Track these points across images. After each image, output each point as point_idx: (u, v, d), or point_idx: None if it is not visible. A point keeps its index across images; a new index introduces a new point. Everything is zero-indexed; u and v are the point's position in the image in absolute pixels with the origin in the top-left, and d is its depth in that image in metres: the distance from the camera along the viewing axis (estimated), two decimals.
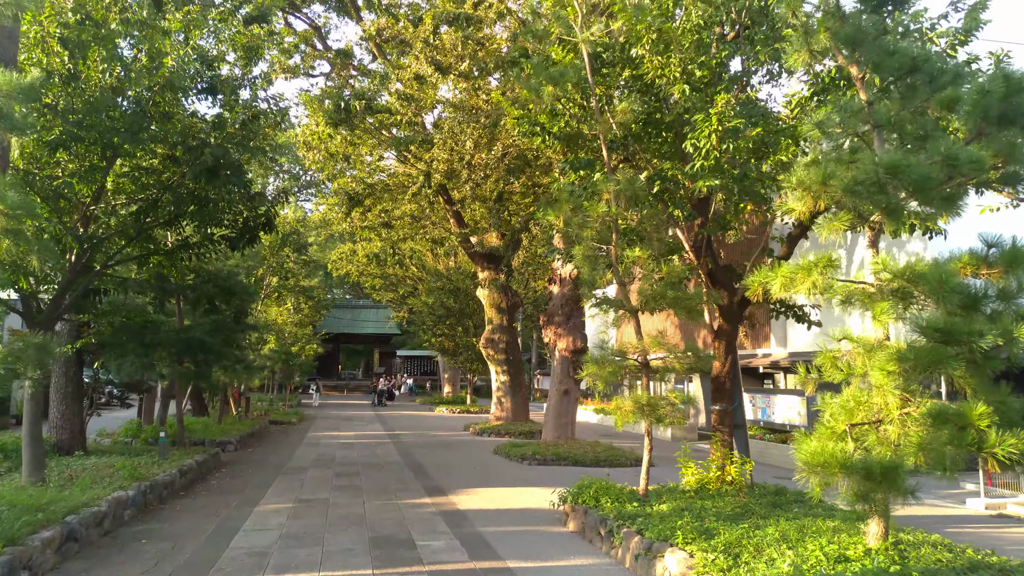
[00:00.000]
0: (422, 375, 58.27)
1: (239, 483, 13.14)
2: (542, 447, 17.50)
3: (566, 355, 18.27)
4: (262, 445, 20.11)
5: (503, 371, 25.17)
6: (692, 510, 8.47)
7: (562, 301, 18.50)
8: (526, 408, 25.52)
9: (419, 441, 21.58)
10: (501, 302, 25.81)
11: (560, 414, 18.30)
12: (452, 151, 17.08)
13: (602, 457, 16.68)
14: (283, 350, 30.28)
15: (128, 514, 9.64)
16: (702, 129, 8.50)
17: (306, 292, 35.14)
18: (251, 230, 11.44)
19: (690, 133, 8.70)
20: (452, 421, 30.18)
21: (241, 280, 15.63)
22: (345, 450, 18.83)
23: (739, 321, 10.96)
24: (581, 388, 20.90)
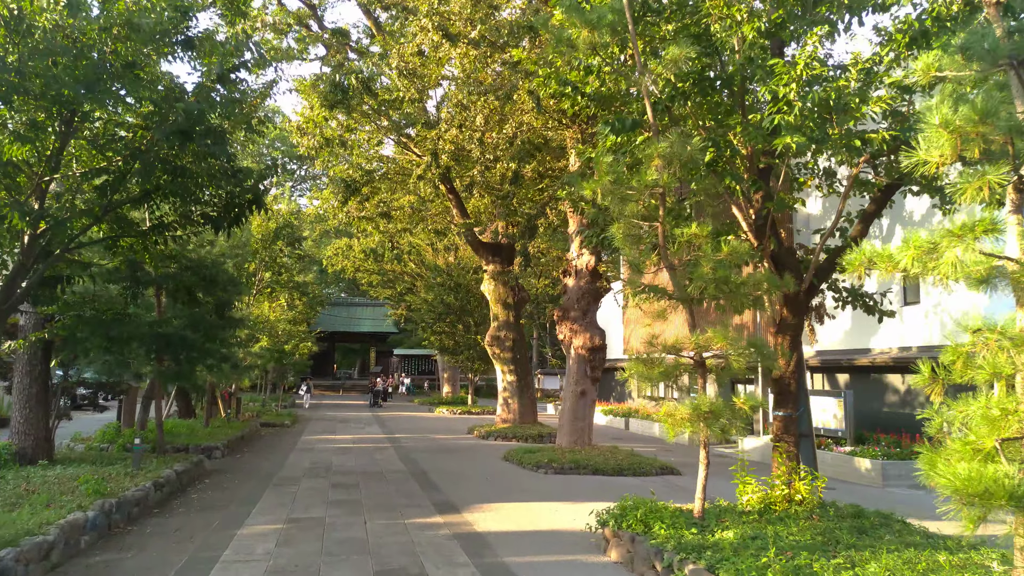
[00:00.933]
0: (420, 374, 56.74)
1: (223, 497, 11.62)
2: (557, 454, 16.02)
3: (582, 353, 16.79)
4: (252, 450, 18.59)
5: (510, 370, 23.68)
6: (765, 538, 6.99)
7: (578, 294, 17.02)
8: (534, 410, 24.04)
9: (421, 445, 20.08)
10: (507, 297, 24.33)
11: (576, 417, 16.82)
12: (461, 127, 15.58)
13: (624, 465, 15.21)
14: (275, 348, 28.74)
15: (86, 541, 8.11)
16: (780, 76, 7.01)
17: (300, 288, 33.60)
18: (236, 208, 9.93)
19: (767, 82, 7.21)
20: (454, 423, 28.67)
21: (227, 270, 14.10)
22: (342, 456, 17.32)
23: (805, 312, 9.48)
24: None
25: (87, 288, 12.49)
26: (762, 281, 7.68)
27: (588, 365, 16.82)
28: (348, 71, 19.81)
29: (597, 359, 16.89)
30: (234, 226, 10.02)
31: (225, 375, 17.40)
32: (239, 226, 10.10)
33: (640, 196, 7.64)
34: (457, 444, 20.71)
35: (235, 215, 9.95)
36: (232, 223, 9.97)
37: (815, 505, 8.38)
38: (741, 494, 8.92)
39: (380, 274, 42.12)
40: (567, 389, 17.13)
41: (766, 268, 8.63)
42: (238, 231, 19.95)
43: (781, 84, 6.99)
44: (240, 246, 18.27)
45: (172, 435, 18.00)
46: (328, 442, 20.70)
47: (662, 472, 15.34)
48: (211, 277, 12.44)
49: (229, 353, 17.02)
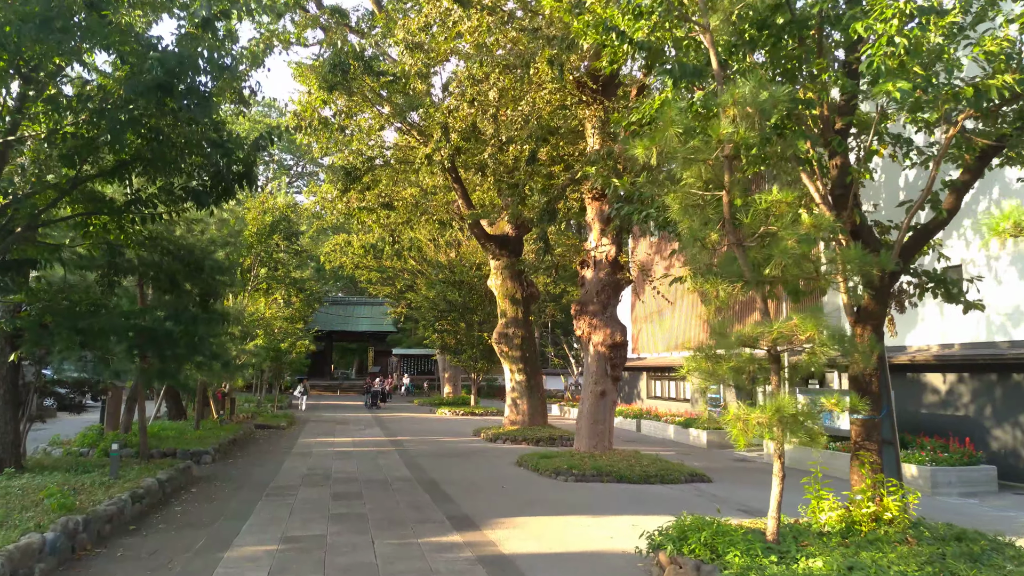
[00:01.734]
0: (419, 374, 55.39)
1: (210, 510, 10.32)
2: (577, 459, 14.75)
3: (603, 350, 15.52)
4: (245, 455, 17.28)
5: (518, 370, 22.41)
6: (865, 569, 5.73)
7: (597, 287, 15.75)
8: (544, 411, 22.77)
9: (426, 449, 18.79)
10: (516, 292, 23.07)
11: (596, 420, 15.54)
12: (473, 102, 14.28)
13: (651, 472, 13.94)
14: (271, 346, 27.42)
15: (41, 569, 6.81)
16: (881, 11, 5.75)
17: (297, 284, 32.29)
18: (224, 182, 8.64)
19: (862, 18, 5.94)
20: (458, 425, 27.37)
21: (216, 257, 12.80)
22: (342, 461, 16.03)
23: (888, 299, 8.21)
24: None
25: (61, 276, 11.21)
26: (853, 259, 6.40)
27: (609, 363, 15.55)
28: (348, 52, 18.55)
29: (618, 357, 15.63)
30: (222, 202, 8.72)
31: (216, 374, 16.10)
32: (227, 202, 8.79)
33: (708, 156, 6.37)
34: (464, 448, 19.43)
35: (223, 189, 8.65)
36: (220, 199, 8.67)
37: (907, 525, 7.11)
38: (816, 511, 7.64)
39: (379, 271, 40.80)
40: (585, 389, 15.86)
41: (846, 244, 7.35)
42: (231, 219, 18.69)
43: (881, 20, 5.74)
44: (233, 235, 16.97)
45: (159, 438, 16.71)
46: (326, 445, 19.40)
47: (692, 479, 14.09)
48: (196, 263, 11.14)
49: (220, 350, 15.74)
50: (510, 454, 17.95)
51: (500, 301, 23.22)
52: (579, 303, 15.96)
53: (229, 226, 17.00)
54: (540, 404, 22.47)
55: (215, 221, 16.36)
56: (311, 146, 25.46)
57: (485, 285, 34.12)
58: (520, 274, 23.42)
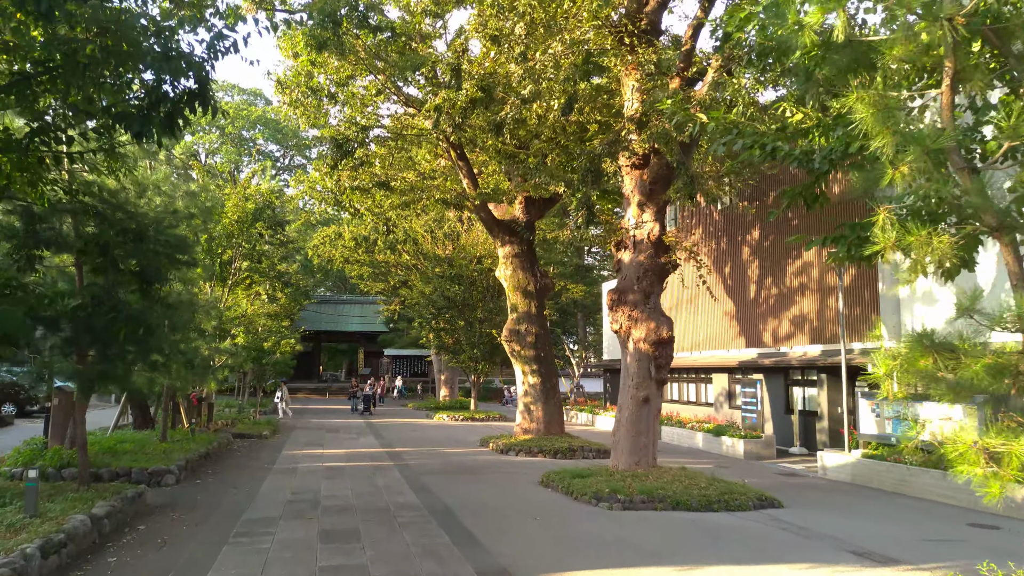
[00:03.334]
0: (412, 376, 52.68)
1: (156, 563, 7.68)
2: (618, 479, 12.19)
3: (645, 348, 12.97)
4: (218, 472, 14.62)
5: (532, 371, 19.83)
6: None
7: (638, 273, 13.19)
8: (561, 418, 20.20)
9: (431, 464, 16.18)
10: (528, 284, 20.50)
11: (638, 431, 12.99)
12: (496, 39, 11.67)
13: (711, 496, 11.40)
14: (253, 346, 24.73)
15: None
16: None
17: (282, 278, 29.59)
18: (166, 104, 6.04)
19: None
20: (460, 432, 24.75)
21: (175, 232, 10.13)
22: (333, 481, 13.40)
23: None
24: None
25: None
26: None
27: (653, 363, 13.00)
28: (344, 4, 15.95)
29: (664, 356, 13.08)
30: (166, 134, 6.10)
31: (182, 377, 13.44)
32: (173, 135, 6.16)
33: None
34: (474, 461, 16.83)
35: (166, 114, 6.04)
36: (163, 127, 6.06)
37: None
38: None
39: (371, 265, 38.10)
40: (624, 395, 13.29)
41: None
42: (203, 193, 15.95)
43: None
44: (203, 211, 14.25)
45: (114, 454, 14.04)
46: (315, 459, 16.76)
47: (761, 504, 11.56)
48: (137, 232, 8.50)
49: (186, 349, 13.10)
50: (529, 469, 15.38)
51: (510, 294, 20.65)
52: (616, 292, 13.40)
53: (203, 198, 14.33)
54: (557, 410, 19.90)
55: (182, 194, 13.71)
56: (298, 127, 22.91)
57: (486, 280, 31.53)
58: (533, 263, 20.86)
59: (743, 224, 23.94)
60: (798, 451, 20.46)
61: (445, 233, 34.11)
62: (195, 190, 14.32)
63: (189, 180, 14.03)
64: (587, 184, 10.72)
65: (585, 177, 10.65)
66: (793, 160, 5.80)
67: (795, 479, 15.78)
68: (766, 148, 5.99)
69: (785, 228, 21.74)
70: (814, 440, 20.71)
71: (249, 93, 56.87)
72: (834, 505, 12.19)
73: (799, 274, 21.19)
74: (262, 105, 55.90)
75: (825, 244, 6.11)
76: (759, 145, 6.03)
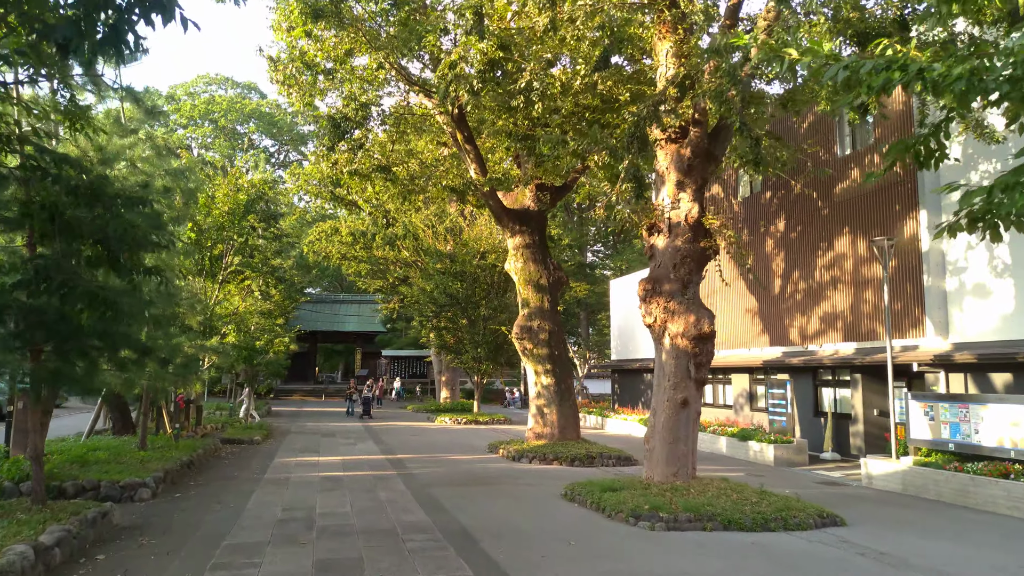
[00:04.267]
0: (411, 377, 51.09)
1: None
2: (655, 493, 10.69)
3: (683, 345, 11.47)
4: (201, 484, 13.08)
5: (545, 371, 18.32)
6: None
7: (674, 259, 11.70)
8: (577, 422, 18.69)
9: (438, 473, 14.67)
10: (540, 277, 19.00)
11: (676, 438, 11.47)
12: None
13: (767, 514, 9.91)
14: (245, 345, 23.21)
15: None
16: None
17: (276, 273, 28.03)
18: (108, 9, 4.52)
19: None
20: (464, 436, 23.24)
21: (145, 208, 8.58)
22: (330, 494, 11.87)
23: None
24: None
25: None
26: None
27: (692, 361, 11.50)
28: None
29: (704, 353, 11.58)
30: (109, 52, 4.59)
31: (160, 377, 11.90)
32: (119, 55, 4.63)
33: None
34: (485, 470, 15.32)
35: (112, 25, 4.53)
36: (106, 44, 4.54)
37: None
38: None
39: (370, 262, 36.55)
40: (659, 397, 11.78)
41: None
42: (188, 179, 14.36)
43: None
44: (186, 192, 12.69)
45: (83, 464, 12.49)
46: (309, 467, 15.23)
47: (823, 522, 10.07)
48: (91, 190, 6.96)
49: (164, 343, 11.61)
50: (547, 480, 13.89)
51: (521, 288, 19.14)
52: (650, 281, 11.90)
53: (183, 185, 12.79)
54: (572, 414, 18.39)
55: (163, 173, 12.18)
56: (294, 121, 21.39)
57: (490, 276, 30.03)
58: (545, 255, 19.37)
59: (767, 214, 22.47)
60: (830, 457, 18.98)
61: (447, 228, 32.61)
62: (180, 168, 12.77)
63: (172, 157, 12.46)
64: (632, 151, 9.24)
65: (630, 143, 9.17)
66: (952, 83, 4.30)
67: (838, 489, 14.30)
68: (909, 70, 4.50)
69: (814, 218, 20.28)
70: (847, 445, 19.24)
71: (243, 87, 55.31)
72: (900, 521, 10.70)
73: (831, 267, 19.72)
74: (256, 99, 54.35)
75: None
76: (898, 67, 4.53)
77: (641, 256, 56.70)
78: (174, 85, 54.13)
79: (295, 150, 56.22)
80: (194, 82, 53.08)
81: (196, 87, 52.41)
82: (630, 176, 9.66)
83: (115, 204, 7.06)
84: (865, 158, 18.75)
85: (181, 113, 49.27)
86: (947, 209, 16.67)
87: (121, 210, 7.15)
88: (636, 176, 9.88)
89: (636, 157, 9.38)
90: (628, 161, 9.37)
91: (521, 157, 19.84)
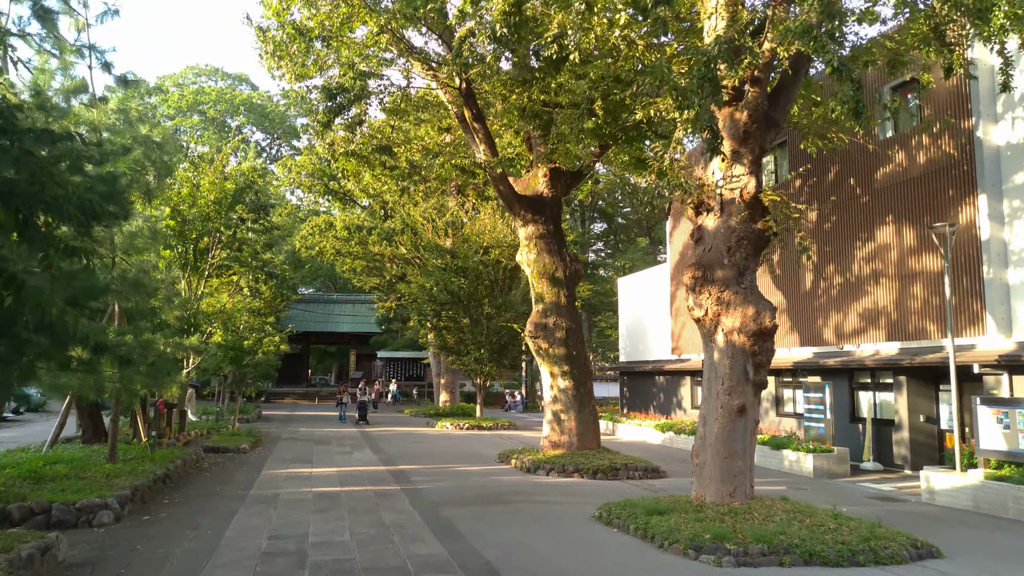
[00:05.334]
0: (407, 380, 49.26)
1: None
2: (711, 518, 8.99)
3: (740, 341, 9.79)
4: (177, 502, 11.32)
5: (562, 372, 16.61)
6: None
7: (729, 242, 10.03)
8: (597, 429, 16.97)
9: (447, 488, 12.94)
10: (555, 270, 17.30)
11: (732, 452, 9.78)
12: None
13: (852, 544, 8.22)
14: (231, 345, 21.41)
15: None
16: None
17: (266, 267, 26.21)
18: None
19: None
20: (469, 444, 21.51)
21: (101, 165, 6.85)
22: (325, 516, 10.13)
23: None
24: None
25: None
26: None
27: (750, 361, 9.81)
28: None
29: (765, 351, 9.90)
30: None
31: (126, 379, 10.13)
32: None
33: None
34: (499, 484, 13.60)
35: None
36: None
37: None
38: None
39: (365, 258, 34.75)
40: (710, 403, 10.08)
41: None
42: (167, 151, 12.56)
43: None
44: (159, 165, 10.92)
45: (37, 480, 10.72)
46: (301, 481, 13.48)
47: (917, 554, 8.39)
48: None
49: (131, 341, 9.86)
50: (573, 497, 12.18)
51: (535, 282, 17.43)
52: (698, 268, 10.21)
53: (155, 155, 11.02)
54: (592, 420, 16.68)
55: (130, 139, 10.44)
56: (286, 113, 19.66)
57: (494, 272, 28.29)
58: (561, 245, 17.68)
59: (796, 203, 20.79)
60: (872, 467, 17.34)
61: (447, 222, 30.88)
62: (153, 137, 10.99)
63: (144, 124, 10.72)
64: (704, 94, 7.58)
65: (701, 85, 7.51)
66: None
67: (898, 506, 12.65)
68: None
69: (852, 207, 18.64)
70: (890, 454, 17.60)
71: (234, 78, 53.43)
72: (999, 549, 9.04)
73: (871, 260, 18.07)
74: (247, 91, 52.48)
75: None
76: None
77: (645, 256, 55.12)
78: (162, 76, 52.26)
79: (287, 144, 54.37)
80: (183, 73, 51.22)
81: (185, 78, 50.55)
82: (703, 123, 7.94)
83: (24, 140, 5.26)
84: (912, 139, 17.11)
85: (168, 104, 47.42)
86: (1009, 194, 15.07)
87: (34, 147, 5.32)
88: (711, 125, 8.19)
89: (707, 100, 7.68)
90: (699, 107, 7.67)
91: (533, 140, 18.17)
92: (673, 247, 27.89)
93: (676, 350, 27.11)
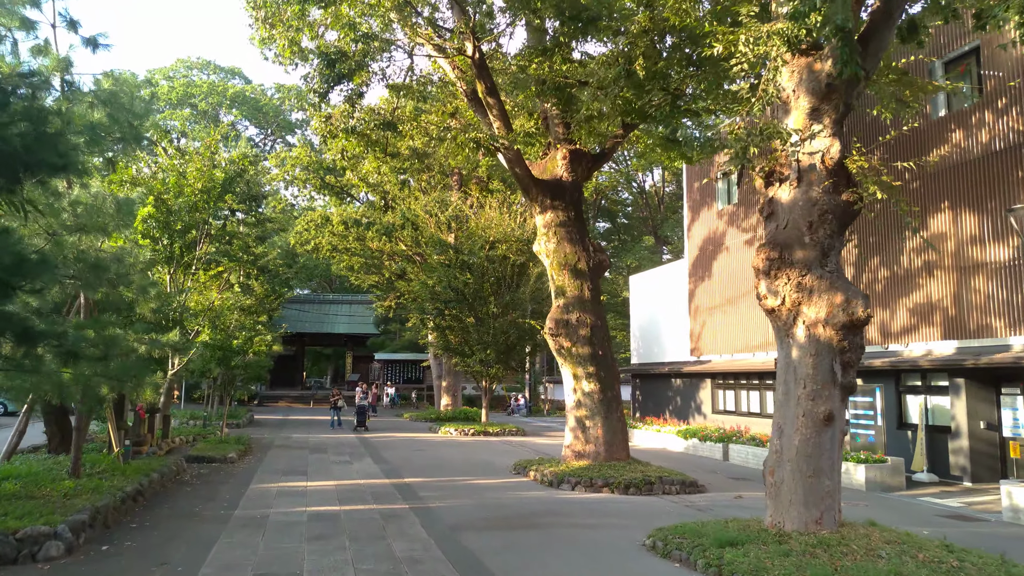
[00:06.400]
0: (406, 383, 47.48)
1: None
2: (799, 552, 7.29)
3: (826, 335, 8.10)
4: (146, 527, 9.57)
5: (587, 375, 14.90)
6: None
7: (810, 217, 8.35)
8: (625, 437, 15.24)
9: (462, 507, 11.21)
10: (578, 260, 15.61)
11: (817, 469, 8.07)
12: None
13: None
14: (219, 344, 19.67)
15: None
16: None
17: (257, 262, 24.46)
18: None
19: None
20: (478, 451, 19.78)
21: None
22: (322, 545, 8.40)
23: None
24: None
25: None
26: None
27: (838, 359, 8.12)
28: None
29: (854, 347, 8.20)
30: None
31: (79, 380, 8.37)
32: None
33: None
34: (521, 501, 11.88)
35: None
36: None
37: None
38: None
39: (363, 255, 32.99)
40: (788, 410, 8.37)
41: None
42: None
43: None
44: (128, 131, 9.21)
45: None
46: (294, 498, 11.73)
47: None
48: None
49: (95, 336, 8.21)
50: (610, 518, 10.47)
51: (554, 274, 15.73)
52: (773, 247, 8.52)
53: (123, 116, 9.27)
54: (621, 428, 14.96)
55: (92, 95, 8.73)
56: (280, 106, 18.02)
57: (500, 268, 26.54)
58: (583, 234, 16.00)
59: None
60: (927, 478, 15.68)
61: (450, 216, 29.14)
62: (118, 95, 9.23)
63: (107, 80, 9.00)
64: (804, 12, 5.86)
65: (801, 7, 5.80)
66: None
67: (979, 527, 10.97)
68: None
69: (903, 192, 16.97)
70: (945, 463, 15.96)
71: (227, 72, 51.66)
72: None
73: (923, 250, 16.43)
74: (240, 84, 50.71)
75: None
76: None
77: (651, 255, 53.48)
78: (152, 70, 50.50)
79: (281, 138, 52.62)
80: (174, 66, 49.45)
81: (176, 71, 48.78)
82: (834, 29, 6.20)
83: None
84: (972, 117, 15.47)
85: (158, 97, 45.68)
86: None
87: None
88: (841, 27, 6.46)
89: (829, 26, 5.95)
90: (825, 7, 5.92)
91: (551, 120, 16.48)
92: (692, 242, 26.21)
93: (696, 351, 25.43)
